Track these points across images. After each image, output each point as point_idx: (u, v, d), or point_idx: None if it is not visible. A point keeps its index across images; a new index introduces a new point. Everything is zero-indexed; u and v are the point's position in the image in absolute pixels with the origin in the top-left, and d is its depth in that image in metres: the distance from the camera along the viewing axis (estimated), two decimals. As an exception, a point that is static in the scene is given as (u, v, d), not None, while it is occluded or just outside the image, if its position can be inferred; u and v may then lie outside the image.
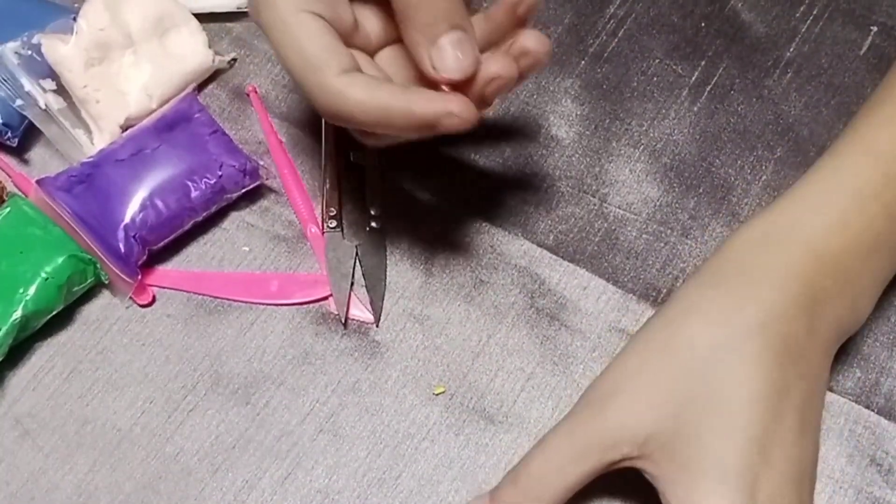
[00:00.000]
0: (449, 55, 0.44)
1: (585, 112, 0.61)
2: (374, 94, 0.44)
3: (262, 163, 0.58)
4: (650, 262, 0.56)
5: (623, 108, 0.61)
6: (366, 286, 0.56)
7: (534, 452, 0.47)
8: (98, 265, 0.55)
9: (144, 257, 0.55)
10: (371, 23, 0.49)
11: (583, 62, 0.62)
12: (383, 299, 0.56)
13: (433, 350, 0.55)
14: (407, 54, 0.47)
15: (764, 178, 0.59)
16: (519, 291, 0.56)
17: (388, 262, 0.57)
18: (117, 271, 0.54)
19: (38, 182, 0.55)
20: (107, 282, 0.55)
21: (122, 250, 0.54)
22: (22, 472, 0.52)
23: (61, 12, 0.60)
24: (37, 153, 0.59)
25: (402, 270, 0.57)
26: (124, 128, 0.58)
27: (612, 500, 0.51)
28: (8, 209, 0.55)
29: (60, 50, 0.57)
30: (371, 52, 0.49)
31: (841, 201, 0.48)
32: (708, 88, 0.62)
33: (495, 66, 0.45)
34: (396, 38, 0.48)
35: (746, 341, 0.45)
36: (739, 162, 0.60)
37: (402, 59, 0.49)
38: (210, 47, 0.61)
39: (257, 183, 0.58)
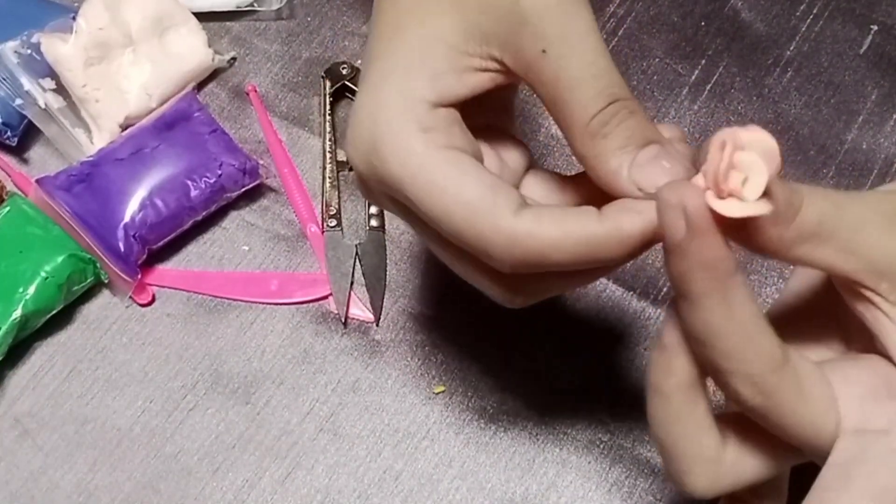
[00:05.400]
0: (656, 168, 0.36)
1: (585, 111, 0.61)
2: (570, 225, 0.36)
3: (261, 162, 0.58)
4: (650, 261, 0.56)
5: (623, 106, 0.61)
6: (366, 285, 0.56)
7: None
8: (98, 264, 0.54)
9: (144, 256, 0.55)
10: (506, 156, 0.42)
11: (583, 61, 0.62)
12: (383, 298, 0.56)
13: (433, 349, 0.55)
14: (548, 179, 0.41)
15: (764, 176, 0.59)
16: (519, 290, 0.56)
17: (388, 261, 0.57)
18: (117, 270, 0.54)
19: (37, 181, 0.55)
20: (106, 281, 0.55)
21: (122, 249, 0.54)
22: (22, 472, 0.51)
23: (61, 11, 0.60)
24: (36, 152, 0.59)
25: (401, 270, 0.57)
26: (124, 127, 0.58)
27: (612, 499, 0.51)
28: (8, 208, 0.55)
29: (60, 49, 0.57)
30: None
31: None
32: (708, 87, 0.62)
33: (666, 131, 0.39)
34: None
35: None
36: (739, 161, 0.60)
37: (543, 184, 0.42)
38: (209, 46, 0.61)
39: (257, 182, 0.58)
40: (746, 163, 0.32)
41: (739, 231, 0.34)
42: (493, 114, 0.42)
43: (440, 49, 0.38)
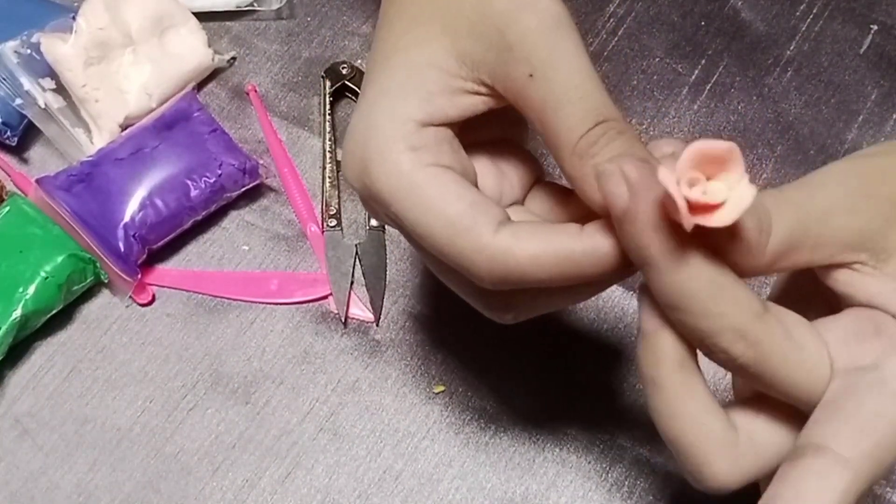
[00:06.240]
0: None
1: (585, 111, 0.61)
2: (549, 242, 0.36)
3: (261, 161, 0.58)
4: (650, 261, 0.56)
5: (623, 106, 0.61)
6: (366, 285, 0.56)
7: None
8: (98, 264, 0.54)
9: (144, 256, 0.55)
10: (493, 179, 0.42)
11: (583, 61, 0.62)
12: (383, 298, 0.56)
13: (433, 349, 0.55)
14: (555, 192, 0.42)
15: (764, 176, 0.59)
16: (519, 290, 0.56)
17: (388, 261, 0.57)
18: (117, 270, 0.54)
19: (37, 181, 0.55)
20: (106, 281, 0.55)
21: (122, 249, 0.54)
22: (22, 472, 0.51)
23: (61, 11, 0.60)
24: (36, 152, 0.59)
25: (402, 269, 0.57)
26: (124, 127, 0.58)
27: (612, 499, 0.51)
28: (7, 208, 0.55)
29: (60, 49, 0.57)
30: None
31: None
32: (708, 87, 0.62)
33: (667, 146, 0.38)
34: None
35: None
36: (739, 160, 0.60)
37: (549, 197, 0.42)
38: (209, 46, 0.61)
39: (257, 182, 0.58)
40: (730, 184, 0.32)
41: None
42: (504, 127, 0.42)
43: (432, 72, 0.38)
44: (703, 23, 0.64)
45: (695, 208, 0.31)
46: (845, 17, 0.64)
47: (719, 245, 0.34)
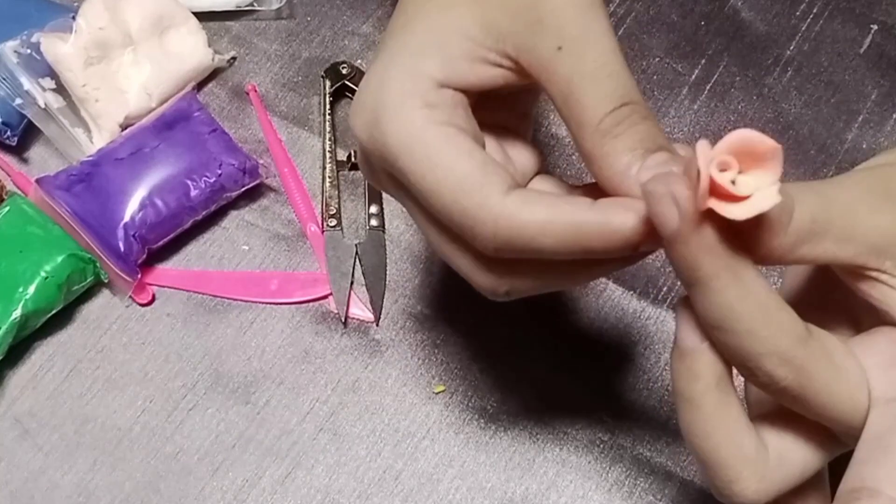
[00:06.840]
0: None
1: (585, 110, 0.61)
2: (559, 210, 0.35)
3: (261, 161, 0.58)
4: (650, 260, 0.56)
5: (623, 106, 0.61)
6: (366, 285, 0.56)
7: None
8: (98, 264, 0.54)
9: (144, 256, 0.55)
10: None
11: (583, 61, 0.62)
12: (383, 298, 0.56)
13: (433, 349, 0.55)
14: (556, 185, 0.41)
15: (764, 176, 0.59)
16: (519, 290, 0.56)
17: (388, 260, 0.57)
18: (117, 270, 0.54)
19: (37, 181, 0.55)
20: (106, 281, 0.55)
21: (122, 249, 0.54)
22: (22, 472, 0.51)
23: (61, 11, 0.60)
24: (36, 152, 0.59)
25: (402, 269, 0.57)
26: (124, 126, 0.58)
27: (612, 499, 0.51)
28: (7, 208, 0.55)
29: (60, 49, 0.57)
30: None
31: None
32: (708, 87, 0.62)
33: (684, 150, 0.38)
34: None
35: None
36: (739, 160, 0.60)
37: (550, 189, 0.41)
38: (209, 46, 0.61)
39: (257, 181, 0.58)
40: (759, 183, 0.32)
41: (738, 245, 0.33)
42: (509, 116, 0.42)
43: (456, 37, 0.38)
44: (703, 23, 0.64)
45: (716, 193, 0.31)
46: (845, 17, 0.64)
47: (741, 223, 0.33)
